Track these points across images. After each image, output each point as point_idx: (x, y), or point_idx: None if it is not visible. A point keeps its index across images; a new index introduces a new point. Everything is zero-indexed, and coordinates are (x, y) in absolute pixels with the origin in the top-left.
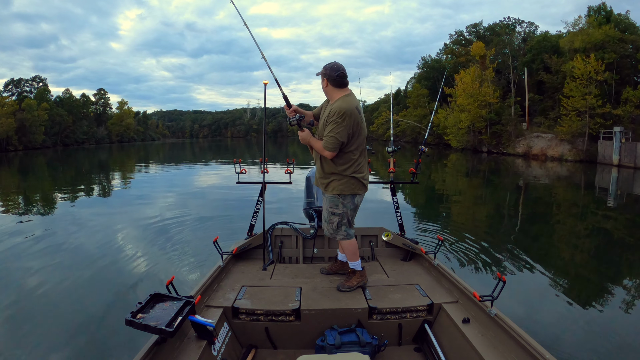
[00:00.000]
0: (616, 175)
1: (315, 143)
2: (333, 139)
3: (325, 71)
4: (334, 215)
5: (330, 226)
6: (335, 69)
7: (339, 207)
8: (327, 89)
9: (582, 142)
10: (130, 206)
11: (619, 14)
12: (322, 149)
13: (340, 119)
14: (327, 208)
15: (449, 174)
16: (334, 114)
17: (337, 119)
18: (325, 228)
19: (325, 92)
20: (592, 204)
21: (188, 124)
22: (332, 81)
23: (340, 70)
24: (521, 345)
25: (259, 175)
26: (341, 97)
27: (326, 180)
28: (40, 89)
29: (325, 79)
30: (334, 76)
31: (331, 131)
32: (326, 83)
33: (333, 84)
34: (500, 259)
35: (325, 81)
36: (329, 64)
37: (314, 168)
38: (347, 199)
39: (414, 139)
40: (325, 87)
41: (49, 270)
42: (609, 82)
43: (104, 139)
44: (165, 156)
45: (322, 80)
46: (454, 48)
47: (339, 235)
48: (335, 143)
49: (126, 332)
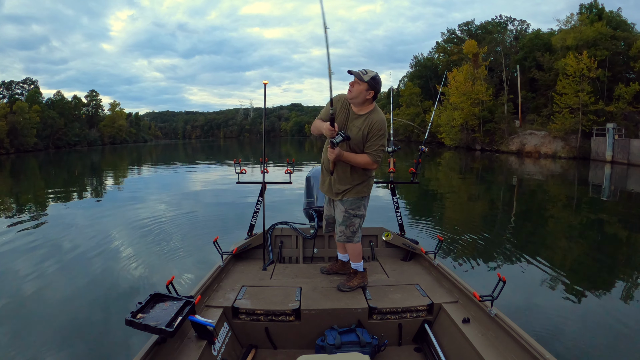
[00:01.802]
0: (610, 171)
1: (356, 157)
2: (381, 151)
3: (375, 84)
4: (356, 217)
5: (350, 229)
6: (381, 85)
7: (360, 209)
8: (368, 98)
9: (575, 139)
10: (129, 207)
11: (611, 12)
12: (370, 162)
13: (384, 131)
14: (348, 211)
15: (443, 172)
16: (380, 127)
17: (383, 132)
18: (342, 232)
19: (362, 100)
20: (588, 200)
21: (180, 125)
22: (375, 95)
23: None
24: (521, 345)
25: (259, 175)
26: (376, 109)
27: (349, 186)
28: (31, 91)
29: (372, 91)
30: (379, 91)
31: (382, 145)
32: (371, 94)
33: (374, 97)
34: (501, 259)
35: (372, 93)
36: (378, 76)
37: (314, 168)
38: (366, 200)
39: (407, 137)
40: (368, 97)
41: (49, 271)
42: (601, 79)
43: (96, 141)
44: (159, 157)
45: (367, 90)
46: (446, 46)
47: (356, 238)
48: (382, 155)
49: (126, 332)
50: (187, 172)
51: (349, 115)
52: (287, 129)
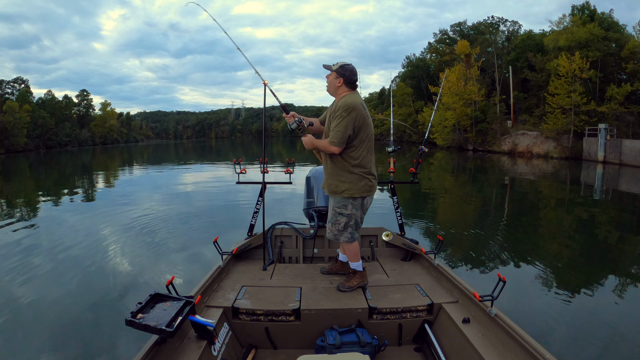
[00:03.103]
0: (602, 171)
1: (319, 142)
2: (339, 132)
3: (343, 72)
4: (342, 215)
5: (336, 227)
6: (354, 74)
7: (347, 208)
8: (339, 86)
9: (567, 140)
10: (128, 207)
11: (602, 13)
12: (328, 145)
13: (345, 112)
14: (334, 208)
15: (436, 172)
16: (339, 108)
17: (342, 112)
18: (329, 229)
19: (334, 88)
20: (583, 200)
21: (172, 124)
22: (347, 82)
23: (356, 75)
24: (521, 345)
25: (259, 175)
26: (347, 94)
27: (335, 181)
28: (22, 91)
29: (341, 78)
30: (351, 79)
31: (337, 125)
32: (340, 82)
33: (346, 85)
34: (501, 259)
35: (341, 80)
36: (348, 66)
37: (314, 168)
38: (356, 201)
39: (398, 137)
40: (338, 85)
41: (48, 272)
42: (593, 79)
43: (87, 141)
44: (152, 158)
45: (336, 78)
46: (438, 47)
47: (342, 237)
48: (341, 137)
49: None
50: (185, 172)
51: (332, 107)
52: (279, 129)
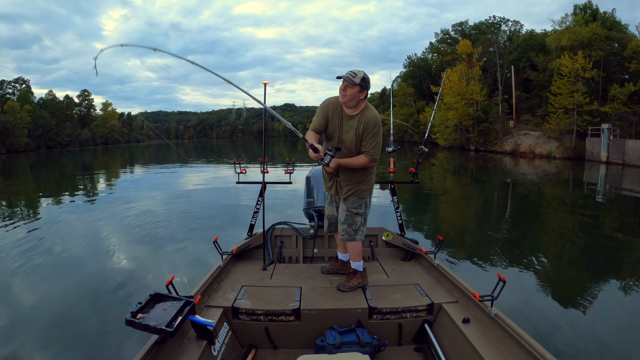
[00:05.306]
0: (605, 172)
1: (353, 161)
2: (379, 149)
3: (366, 84)
4: (358, 215)
5: (352, 227)
6: (370, 82)
7: (362, 207)
8: (361, 99)
9: (569, 140)
10: (128, 208)
11: (605, 12)
12: (368, 162)
13: (378, 127)
14: (350, 209)
15: (438, 172)
16: (374, 125)
17: (378, 129)
18: (344, 231)
19: (357, 102)
20: (585, 201)
21: (173, 125)
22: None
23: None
24: (521, 345)
25: (259, 175)
26: (367, 107)
27: (352, 184)
28: (23, 91)
29: (365, 91)
30: (369, 88)
31: (378, 142)
32: (364, 94)
33: (366, 96)
34: (501, 259)
35: (365, 93)
36: (366, 75)
37: (314, 168)
38: (368, 199)
39: (400, 137)
40: (362, 98)
41: (48, 272)
42: (596, 79)
43: (88, 141)
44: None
45: (360, 91)
46: (439, 47)
47: (358, 236)
48: (379, 152)
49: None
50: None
51: (343, 118)
52: (280, 129)
